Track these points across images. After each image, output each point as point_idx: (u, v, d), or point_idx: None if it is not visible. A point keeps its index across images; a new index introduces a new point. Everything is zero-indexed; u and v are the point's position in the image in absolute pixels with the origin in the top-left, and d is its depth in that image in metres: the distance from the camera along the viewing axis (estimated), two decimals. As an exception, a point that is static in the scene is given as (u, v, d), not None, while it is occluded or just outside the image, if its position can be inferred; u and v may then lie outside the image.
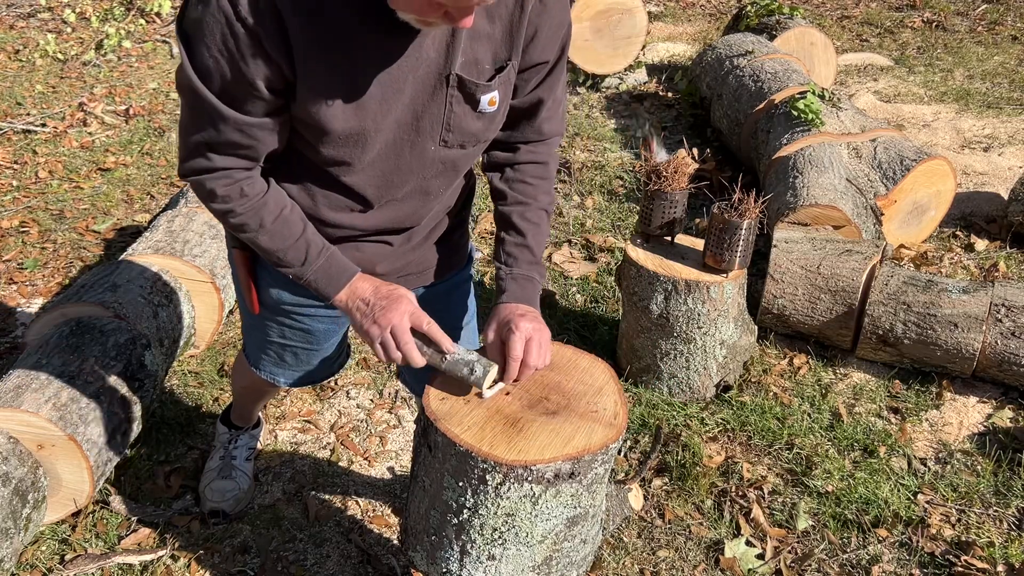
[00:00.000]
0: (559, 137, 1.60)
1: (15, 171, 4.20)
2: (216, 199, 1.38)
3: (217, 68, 1.22)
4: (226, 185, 1.36)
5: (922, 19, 6.71)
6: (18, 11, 6.61)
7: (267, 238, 1.42)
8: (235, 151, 1.33)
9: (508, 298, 1.52)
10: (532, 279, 1.55)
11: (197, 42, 1.21)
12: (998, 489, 2.34)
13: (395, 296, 1.42)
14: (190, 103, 1.29)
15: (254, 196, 1.39)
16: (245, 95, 1.26)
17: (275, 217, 1.41)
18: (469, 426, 1.37)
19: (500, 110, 1.43)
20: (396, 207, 1.50)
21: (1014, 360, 2.60)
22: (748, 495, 2.31)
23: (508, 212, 1.57)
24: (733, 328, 2.61)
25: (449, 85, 1.34)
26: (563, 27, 1.42)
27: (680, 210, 2.60)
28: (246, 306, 1.72)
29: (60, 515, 2.17)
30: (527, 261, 1.55)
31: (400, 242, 1.59)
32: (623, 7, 5.34)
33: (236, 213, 1.39)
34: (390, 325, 1.39)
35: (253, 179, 1.39)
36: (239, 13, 1.17)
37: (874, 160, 3.44)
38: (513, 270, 1.54)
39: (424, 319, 1.42)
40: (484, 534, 1.38)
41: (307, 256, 1.43)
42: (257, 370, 1.86)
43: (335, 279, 1.45)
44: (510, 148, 1.57)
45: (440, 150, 1.42)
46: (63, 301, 2.48)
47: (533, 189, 1.57)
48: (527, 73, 1.44)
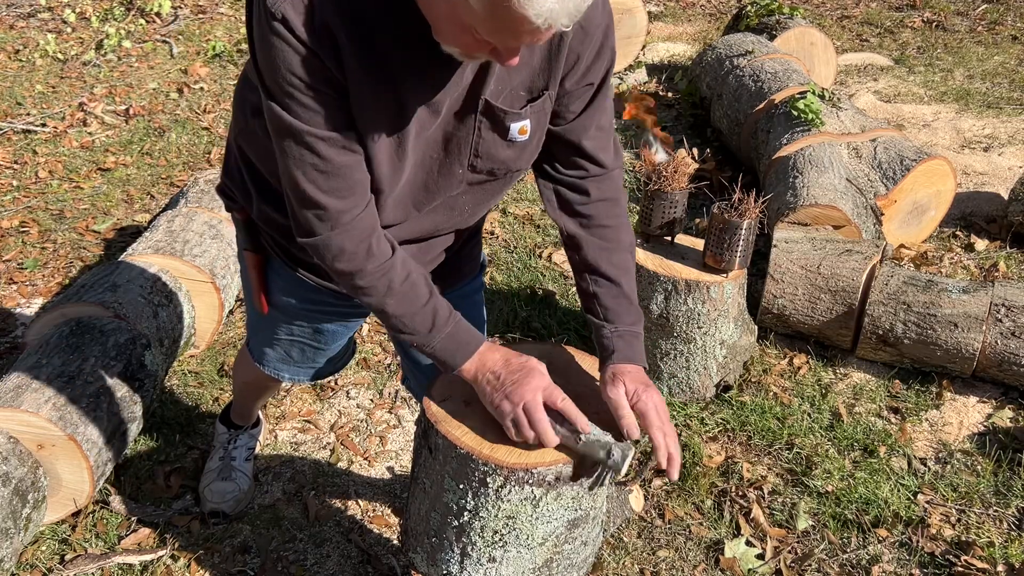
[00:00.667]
0: (621, 171, 1.53)
1: (15, 171, 4.20)
2: (344, 257, 1.30)
3: (294, 91, 1.18)
4: (355, 241, 1.30)
5: (922, 19, 6.71)
6: (18, 11, 6.61)
7: (394, 302, 1.35)
8: (346, 182, 1.27)
9: (619, 359, 1.44)
10: (638, 334, 1.47)
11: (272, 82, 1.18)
12: (998, 489, 2.34)
13: (527, 370, 1.35)
14: (285, 145, 1.24)
15: (382, 256, 1.32)
16: (326, 106, 1.21)
17: (403, 280, 1.34)
18: (470, 428, 1.37)
19: (533, 140, 1.39)
20: (418, 221, 1.46)
21: (1014, 360, 2.60)
22: (748, 495, 2.32)
23: (595, 260, 1.48)
24: (733, 328, 2.61)
25: (478, 110, 1.31)
26: (607, 51, 1.36)
27: (680, 210, 2.60)
28: (255, 305, 1.71)
29: (60, 515, 2.17)
30: (627, 312, 1.48)
31: (414, 252, 1.56)
32: (623, 7, 5.33)
33: (365, 273, 1.32)
34: (523, 402, 1.32)
35: (380, 237, 1.33)
36: (296, 33, 1.14)
37: (874, 160, 3.44)
38: (618, 327, 1.46)
39: (558, 396, 1.34)
40: (485, 536, 1.38)
41: (434, 323, 1.36)
42: (261, 365, 1.85)
43: (463, 347, 1.37)
44: (579, 190, 1.49)
45: (468, 174, 1.39)
46: (63, 301, 2.48)
47: (612, 231, 1.49)
48: (568, 98, 1.38)
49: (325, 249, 1.31)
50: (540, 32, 1.05)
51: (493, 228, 3.71)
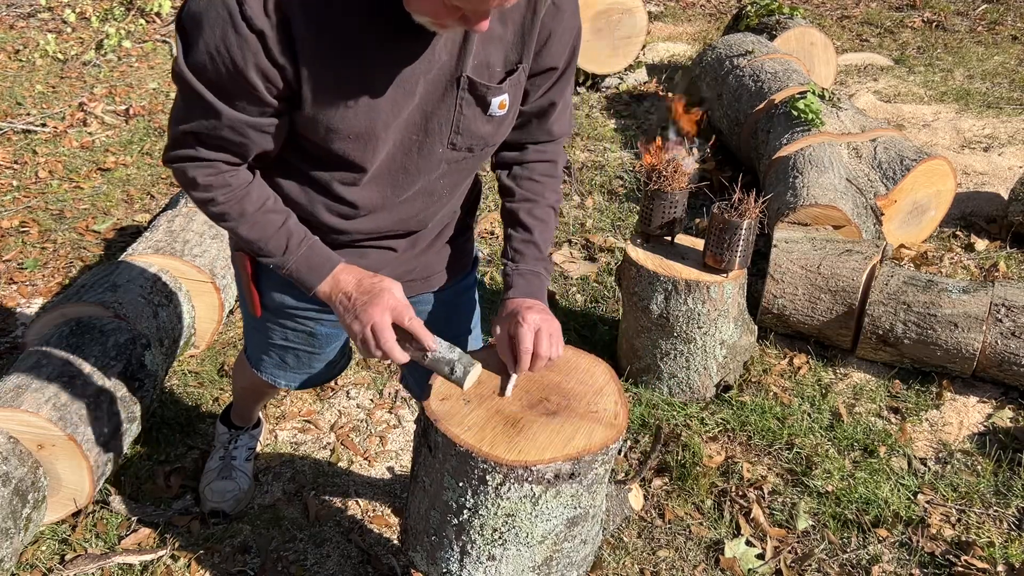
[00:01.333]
0: (566, 136, 1.60)
1: (15, 171, 4.20)
2: (197, 187, 1.36)
3: (214, 64, 1.20)
4: (209, 175, 1.35)
5: (922, 19, 6.71)
6: (18, 11, 6.61)
7: (247, 227, 1.40)
8: (224, 147, 1.32)
9: (514, 293, 1.52)
10: (538, 274, 1.55)
11: (196, 36, 1.19)
12: (998, 489, 2.34)
13: (377, 290, 1.39)
14: (183, 94, 1.27)
15: (237, 186, 1.38)
16: (241, 94, 1.24)
17: (257, 207, 1.39)
18: (469, 426, 1.37)
19: (510, 114, 1.42)
20: (401, 209, 1.49)
21: (1014, 360, 2.60)
22: (748, 495, 2.31)
23: (515, 209, 1.57)
24: (733, 328, 2.61)
25: (460, 87, 1.33)
26: (574, 31, 1.41)
27: (680, 210, 2.60)
28: (248, 308, 1.71)
29: (60, 515, 2.17)
30: (533, 257, 1.55)
31: (404, 247, 1.58)
32: (623, 7, 5.34)
33: (217, 202, 1.37)
34: (371, 321, 1.37)
35: (238, 170, 1.38)
36: (244, 12, 1.15)
37: (874, 160, 3.44)
38: (519, 266, 1.54)
39: (406, 314, 1.39)
40: (484, 534, 1.38)
41: (288, 245, 1.41)
42: (258, 372, 1.85)
43: (317, 269, 1.42)
44: (519, 147, 1.57)
45: (448, 152, 1.42)
46: (63, 301, 2.48)
47: (541, 187, 1.57)
48: (539, 78, 1.43)
49: (181, 175, 1.36)
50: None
51: (493, 228, 3.71)
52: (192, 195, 1.39)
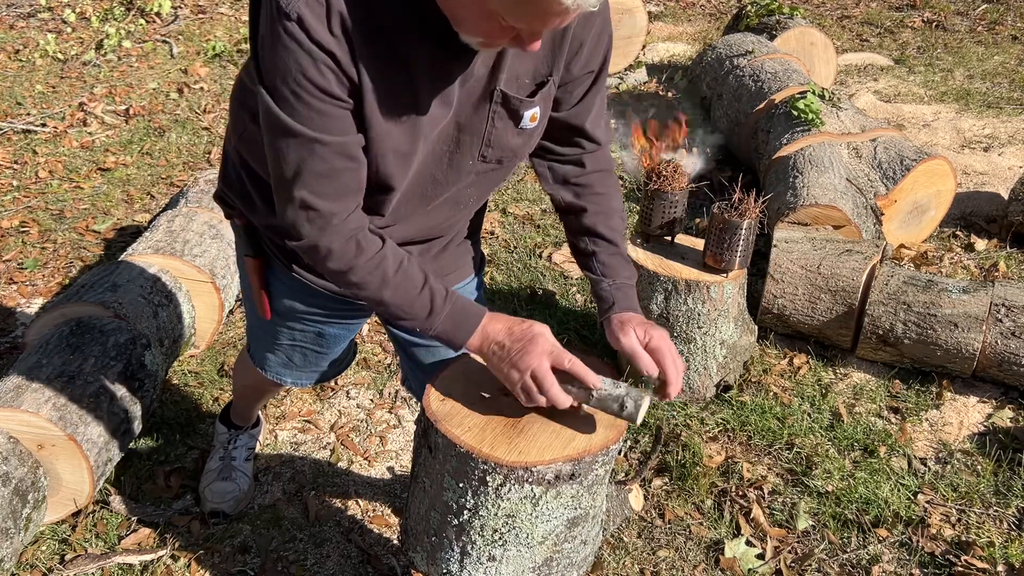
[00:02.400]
0: (610, 143, 1.60)
1: (15, 171, 4.20)
2: (333, 257, 1.31)
3: (302, 94, 1.17)
4: (343, 242, 1.30)
5: (922, 19, 6.71)
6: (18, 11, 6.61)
7: (391, 293, 1.35)
8: (339, 185, 1.27)
9: (620, 308, 1.50)
10: (632, 286, 1.55)
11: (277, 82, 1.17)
12: (998, 489, 2.34)
13: (530, 335, 1.35)
14: (284, 144, 1.22)
15: (372, 250, 1.33)
16: (333, 112, 1.20)
17: (396, 269, 1.35)
18: (469, 427, 1.37)
19: (540, 126, 1.41)
20: (428, 217, 1.47)
21: (1014, 360, 2.60)
22: (748, 495, 2.31)
23: (592, 224, 1.56)
24: (733, 328, 2.61)
25: (493, 101, 1.32)
26: (605, 36, 1.40)
27: (680, 210, 2.60)
28: (256, 312, 1.71)
29: (60, 515, 2.17)
30: (623, 268, 1.55)
31: (419, 252, 1.57)
32: (623, 7, 5.33)
33: (357, 268, 1.32)
34: (530, 368, 1.33)
35: (367, 233, 1.34)
36: (312, 37, 1.13)
37: (874, 160, 3.44)
38: (616, 280, 1.54)
39: (565, 357, 1.35)
40: (484, 535, 1.38)
41: (433, 306, 1.37)
42: (263, 370, 1.85)
43: (464, 324, 1.38)
44: (577, 163, 1.55)
45: (478, 164, 1.40)
46: (63, 301, 2.48)
47: (607, 198, 1.57)
48: (574, 83, 1.41)
49: (314, 251, 1.32)
50: (567, 13, 1.07)
51: (493, 228, 3.71)
52: (329, 268, 1.33)
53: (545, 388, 1.33)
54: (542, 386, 1.34)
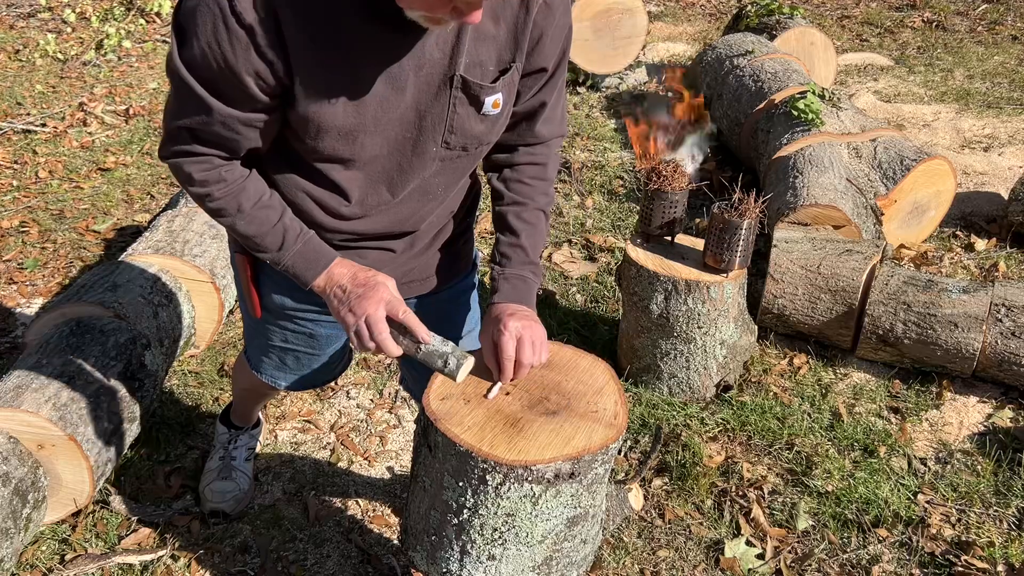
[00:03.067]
0: (560, 139, 1.60)
1: (15, 171, 4.20)
2: (194, 183, 1.37)
3: (205, 60, 1.21)
4: (205, 170, 1.36)
5: (922, 19, 6.71)
6: (18, 11, 6.61)
7: (244, 223, 1.41)
8: (217, 142, 1.33)
9: (500, 298, 1.51)
10: (525, 278, 1.54)
11: (189, 31, 1.20)
12: (998, 489, 2.34)
13: (372, 283, 1.40)
14: (176, 89, 1.28)
15: (233, 181, 1.39)
16: (232, 90, 1.25)
17: (254, 203, 1.40)
18: (469, 426, 1.37)
19: (503, 113, 1.43)
20: (397, 209, 1.49)
21: (1014, 360, 2.60)
22: (748, 495, 2.31)
23: (504, 212, 1.57)
24: (733, 328, 2.61)
25: (453, 86, 1.33)
26: (565, 30, 1.42)
27: (680, 210, 2.60)
28: (248, 310, 1.71)
29: (60, 515, 2.17)
30: (520, 261, 1.55)
31: (403, 248, 1.58)
32: (623, 7, 5.34)
33: (214, 197, 1.38)
34: (365, 314, 1.37)
35: (233, 166, 1.39)
36: (235, 8, 1.16)
37: (874, 160, 3.44)
38: (506, 270, 1.54)
39: (400, 308, 1.39)
40: (484, 534, 1.38)
41: (284, 240, 1.42)
42: (258, 373, 1.85)
43: (313, 263, 1.43)
44: (509, 149, 1.57)
45: (441, 151, 1.42)
46: (63, 301, 2.48)
47: (530, 190, 1.57)
48: (529, 78, 1.44)
49: (177, 171, 1.37)
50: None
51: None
52: (189, 190, 1.40)
53: (375, 333, 1.38)
54: (373, 331, 1.38)
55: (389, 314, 1.39)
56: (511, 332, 1.43)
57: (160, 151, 1.38)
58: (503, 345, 1.43)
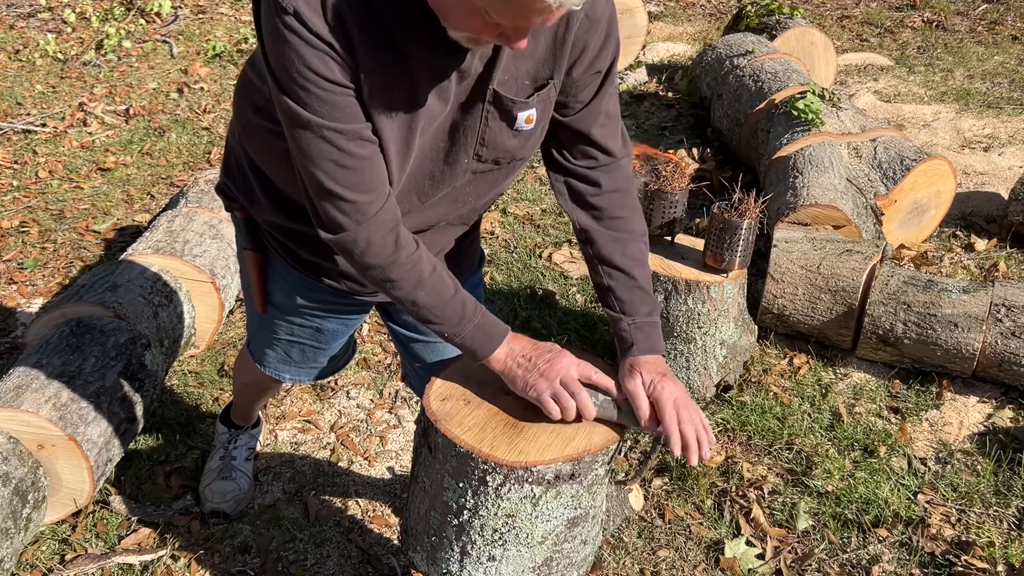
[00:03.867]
0: (630, 159, 1.53)
1: (15, 171, 4.20)
2: (372, 251, 1.29)
3: (309, 86, 1.17)
4: (383, 233, 1.29)
5: (922, 19, 6.71)
6: (18, 11, 6.61)
7: (425, 294, 1.34)
8: (362, 175, 1.25)
9: (639, 351, 1.44)
10: (655, 323, 1.48)
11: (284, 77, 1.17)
12: (998, 489, 2.34)
13: (556, 350, 1.38)
14: (305, 141, 1.22)
15: (410, 247, 1.32)
16: (342, 100, 1.20)
17: (431, 271, 1.34)
18: (469, 427, 1.37)
19: (537, 129, 1.39)
20: (425, 213, 1.46)
21: (1014, 360, 2.60)
22: (748, 495, 2.31)
23: (608, 253, 1.48)
24: (733, 328, 2.61)
25: (486, 100, 1.31)
26: (612, 40, 1.37)
27: (680, 210, 2.60)
28: (254, 306, 1.71)
29: (60, 515, 2.17)
30: (642, 302, 1.48)
31: None
32: (623, 7, 5.33)
33: (397, 264, 1.31)
34: (559, 376, 1.34)
35: (401, 228, 1.32)
36: (311, 29, 1.14)
37: (874, 160, 3.44)
38: (635, 319, 1.46)
39: (592, 369, 1.37)
40: (484, 535, 1.38)
41: (464, 313, 1.37)
42: (262, 366, 1.85)
43: (492, 336, 1.38)
44: (590, 179, 1.49)
45: (473, 163, 1.39)
46: (63, 301, 2.48)
47: (625, 222, 1.49)
48: (575, 88, 1.39)
49: (353, 244, 1.29)
50: (551, 12, 1.06)
51: (493, 228, 3.71)
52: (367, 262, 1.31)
53: (575, 393, 1.35)
54: (572, 391, 1.34)
55: (581, 376, 1.37)
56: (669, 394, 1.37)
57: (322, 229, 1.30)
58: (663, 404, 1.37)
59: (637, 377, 1.41)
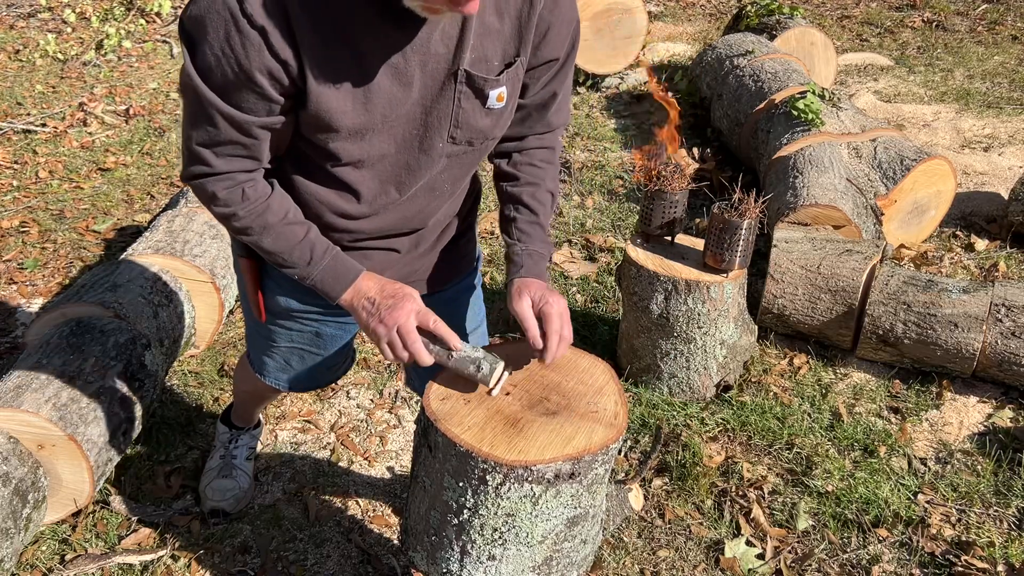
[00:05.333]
0: (564, 126, 1.63)
1: (15, 171, 4.20)
2: (218, 202, 1.37)
3: (219, 65, 1.21)
4: (227, 188, 1.36)
5: (922, 19, 6.71)
6: (18, 11, 6.61)
7: (271, 240, 1.41)
8: (236, 152, 1.33)
9: (526, 273, 1.53)
10: (544, 256, 1.57)
11: (199, 40, 1.20)
12: (998, 489, 2.34)
13: (401, 295, 1.42)
14: (191, 102, 1.27)
15: (256, 199, 1.38)
16: (247, 93, 1.24)
17: (279, 219, 1.40)
18: (469, 426, 1.37)
19: (508, 106, 1.43)
20: (404, 207, 1.50)
21: (1014, 360, 2.60)
22: (748, 495, 2.31)
23: (518, 192, 1.58)
24: (733, 328, 2.61)
25: (458, 80, 1.33)
26: (573, 23, 1.43)
27: (680, 210, 2.60)
28: (253, 314, 1.71)
29: (60, 515, 2.17)
30: (539, 239, 1.57)
31: (407, 248, 1.58)
32: (623, 7, 5.34)
33: (239, 216, 1.38)
34: (396, 324, 1.38)
35: (256, 182, 1.39)
36: (245, 10, 1.16)
37: (874, 160, 3.44)
38: (528, 246, 1.55)
39: (431, 317, 1.41)
40: (484, 534, 1.38)
41: (312, 256, 1.42)
42: (262, 376, 1.85)
43: (340, 278, 1.44)
44: (518, 138, 1.59)
45: (448, 146, 1.42)
46: (63, 301, 2.48)
47: (542, 172, 1.59)
48: (538, 70, 1.44)
49: (200, 191, 1.37)
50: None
51: (493, 228, 3.71)
52: (213, 210, 1.39)
53: (409, 343, 1.39)
54: (406, 340, 1.39)
55: (420, 324, 1.40)
56: (556, 307, 1.45)
57: (182, 174, 1.38)
58: (551, 320, 1.45)
59: (525, 298, 1.47)
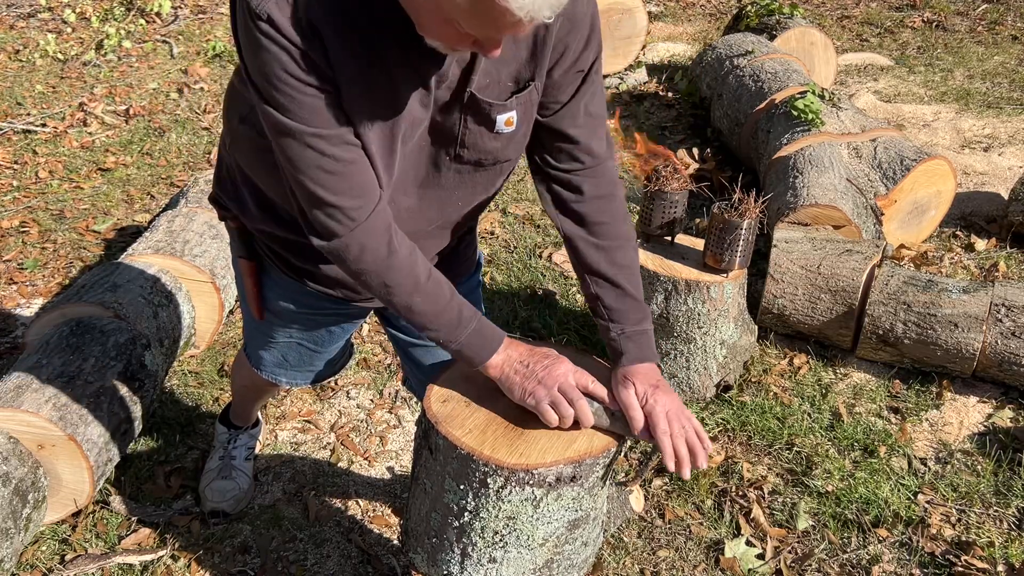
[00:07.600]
0: (614, 162, 1.50)
1: (15, 171, 4.20)
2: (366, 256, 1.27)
3: (288, 91, 1.16)
4: (376, 237, 1.27)
5: (922, 19, 6.70)
6: (18, 11, 6.61)
7: (422, 299, 1.32)
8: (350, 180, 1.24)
9: (628, 361, 1.41)
10: (646, 331, 1.45)
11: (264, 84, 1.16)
12: (998, 489, 2.34)
13: (554, 355, 1.37)
14: (286, 147, 1.20)
15: (404, 252, 1.30)
16: (323, 104, 1.18)
17: (427, 276, 1.32)
18: (471, 429, 1.37)
19: (520, 131, 1.37)
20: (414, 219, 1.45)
21: (1014, 360, 2.60)
22: (748, 495, 2.32)
23: (595, 261, 1.45)
24: (733, 328, 2.61)
25: (464, 103, 1.30)
26: (594, 40, 1.35)
27: (680, 210, 2.60)
28: (251, 312, 1.71)
29: (60, 515, 2.17)
30: (633, 311, 1.44)
31: None
32: (623, 7, 5.34)
33: (392, 269, 1.29)
34: (557, 383, 1.33)
35: (398, 231, 1.31)
36: (284, 32, 1.13)
37: (874, 160, 3.44)
38: (624, 328, 1.43)
39: (589, 378, 1.35)
40: (485, 537, 1.38)
41: (460, 320, 1.34)
42: (259, 370, 1.85)
43: (489, 343, 1.36)
44: (573, 184, 1.45)
45: (455, 164, 1.38)
46: (63, 301, 2.48)
47: (609, 227, 1.45)
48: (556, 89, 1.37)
49: (346, 250, 1.27)
50: (522, 25, 1.05)
51: (493, 228, 3.71)
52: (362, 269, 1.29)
53: (574, 400, 1.33)
54: (570, 398, 1.33)
55: (579, 384, 1.36)
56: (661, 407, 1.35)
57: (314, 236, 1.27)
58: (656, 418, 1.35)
59: (630, 387, 1.38)
